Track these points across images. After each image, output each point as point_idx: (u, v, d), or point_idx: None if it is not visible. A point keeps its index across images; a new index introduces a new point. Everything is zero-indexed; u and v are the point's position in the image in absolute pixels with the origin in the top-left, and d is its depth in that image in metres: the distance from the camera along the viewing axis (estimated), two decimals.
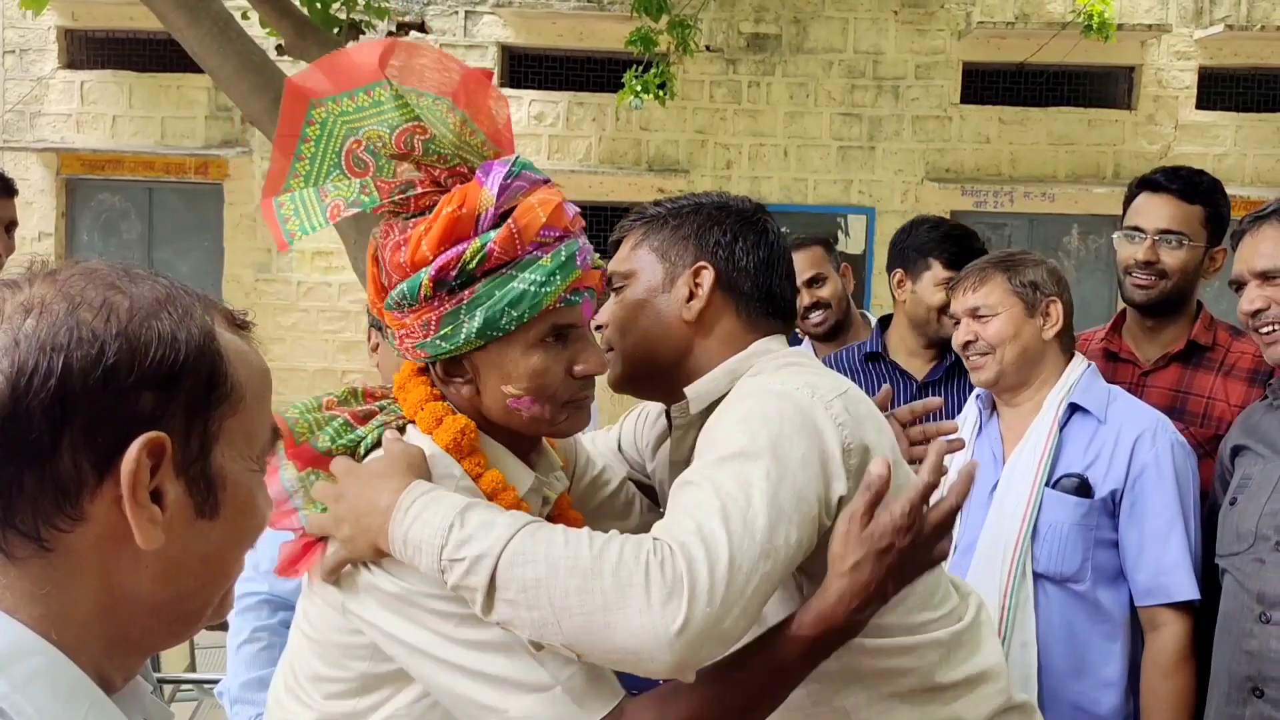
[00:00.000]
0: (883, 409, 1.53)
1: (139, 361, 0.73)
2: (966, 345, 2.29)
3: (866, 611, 1.25)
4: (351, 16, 5.33)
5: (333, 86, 1.33)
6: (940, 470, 1.29)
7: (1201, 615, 2.12)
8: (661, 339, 1.48)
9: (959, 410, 2.73)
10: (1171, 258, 2.39)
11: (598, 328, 1.47)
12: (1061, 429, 2.19)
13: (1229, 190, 2.54)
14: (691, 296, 1.47)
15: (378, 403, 1.40)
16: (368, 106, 1.33)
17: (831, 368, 2.93)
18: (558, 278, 1.29)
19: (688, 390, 1.46)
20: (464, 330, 1.29)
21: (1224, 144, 10.60)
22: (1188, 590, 2.09)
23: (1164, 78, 10.70)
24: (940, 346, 2.85)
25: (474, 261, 1.27)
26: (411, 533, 1.19)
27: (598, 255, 1.40)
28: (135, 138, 10.76)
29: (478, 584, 1.16)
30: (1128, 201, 2.52)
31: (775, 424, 1.28)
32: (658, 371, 1.49)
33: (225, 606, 0.85)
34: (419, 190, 1.32)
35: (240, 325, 0.85)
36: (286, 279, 10.66)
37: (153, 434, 0.73)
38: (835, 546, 1.25)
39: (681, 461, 1.45)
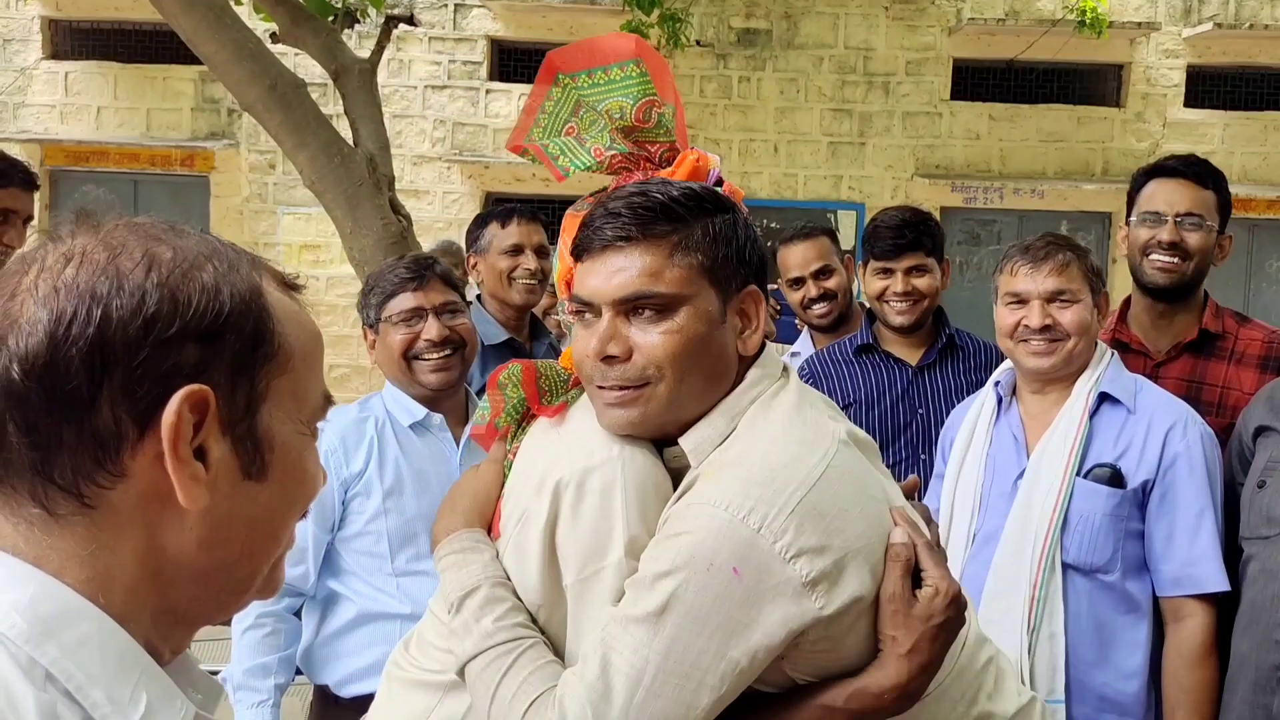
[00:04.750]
0: (909, 496, 1.42)
1: (181, 312, 0.71)
2: (1042, 329, 2.14)
3: (924, 688, 1.21)
4: (346, 5, 5.28)
5: (587, 61, 1.50)
6: (912, 524, 1.26)
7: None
8: (721, 377, 1.27)
9: (952, 393, 2.71)
10: (1194, 239, 2.42)
11: (609, 357, 1.25)
12: (1091, 418, 2.16)
13: None
14: (745, 327, 1.29)
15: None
16: (617, 80, 1.48)
17: (824, 363, 2.92)
18: None
19: (684, 441, 1.26)
20: None
21: (1212, 142, 10.65)
22: (1217, 581, 2.07)
23: (1153, 75, 10.75)
24: (927, 331, 2.84)
25: None
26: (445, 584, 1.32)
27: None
28: (120, 129, 10.66)
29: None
30: (1134, 191, 2.52)
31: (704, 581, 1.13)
32: (697, 413, 1.27)
33: (275, 579, 0.82)
34: (628, 151, 1.45)
35: (290, 286, 0.81)
36: None
37: (195, 386, 0.70)
38: (887, 629, 1.19)
39: None
